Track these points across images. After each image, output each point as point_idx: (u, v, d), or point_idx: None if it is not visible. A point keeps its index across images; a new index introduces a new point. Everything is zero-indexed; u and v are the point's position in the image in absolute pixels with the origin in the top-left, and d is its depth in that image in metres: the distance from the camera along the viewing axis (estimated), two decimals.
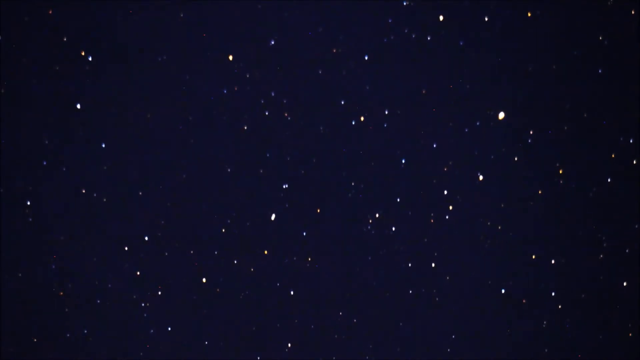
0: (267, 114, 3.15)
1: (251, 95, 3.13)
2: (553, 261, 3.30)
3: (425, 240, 3.31)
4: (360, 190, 3.25)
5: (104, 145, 3.15)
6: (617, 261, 3.29)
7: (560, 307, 3.36)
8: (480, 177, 3.21)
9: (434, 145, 3.18)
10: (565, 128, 3.15)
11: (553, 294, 3.35)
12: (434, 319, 3.40)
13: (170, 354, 3.43)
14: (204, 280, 3.36)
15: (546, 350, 3.41)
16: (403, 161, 3.21)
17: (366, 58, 3.08)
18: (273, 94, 3.12)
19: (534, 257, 3.30)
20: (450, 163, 3.20)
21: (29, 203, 3.19)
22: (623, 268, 3.30)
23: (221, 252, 3.33)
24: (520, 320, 3.38)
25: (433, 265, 3.34)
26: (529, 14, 3.02)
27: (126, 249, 3.29)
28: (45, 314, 3.31)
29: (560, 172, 3.20)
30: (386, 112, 3.15)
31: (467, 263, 3.33)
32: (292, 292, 3.38)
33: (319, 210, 3.28)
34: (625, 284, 3.31)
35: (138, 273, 3.32)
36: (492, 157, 3.18)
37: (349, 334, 3.43)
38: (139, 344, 3.40)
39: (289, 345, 3.44)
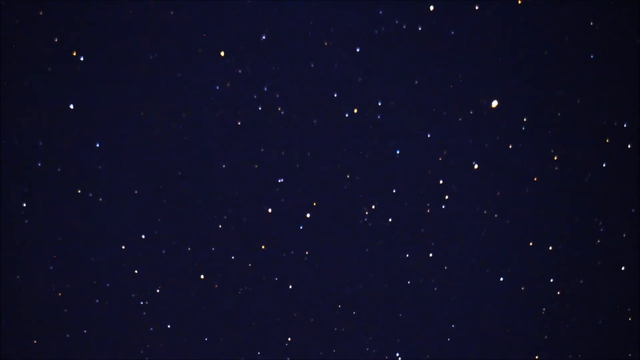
0: (260, 109, 3.15)
1: (244, 91, 3.12)
2: (550, 247, 3.31)
3: (422, 230, 3.31)
4: (356, 182, 3.25)
5: (98, 145, 3.15)
6: (614, 246, 3.30)
7: (558, 293, 3.37)
8: (475, 166, 3.21)
9: (428, 136, 3.18)
10: (559, 114, 3.15)
11: (551, 280, 3.35)
12: (432, 309, 3.40)
13: (171, 352, 3.43)
14: (202, 276, 3.36)
15: (546, 336, 3.41)
16: (397, 152, 3.21)
17: (358, 50, 3.08)
18: (266, 89, 3.12)
19: (531, 244, 3.31)
20: (445, 153, 3.20)
21: (24, 205, 3.18)
22: (620, 252, 3.30)
23: (218, 248, 3.33)
24: (520, 308, 3.38)
25: (430, 255, 3.35)
26: (519, 1, 3.02)
27: (123, 248, 3.29)
28: (44, 315, 3.31)
29: (555, 158, 3.20)
30: (379, 104, 3.15)
31: (465, 252, 3.33)
32: (290, 287, 3.39)
33: (315, 204, 3.28)
34: (623, 268, 3.31)
35: (136, 272, 3.32)
36: (487, 145, 3.18)
37: (348, 326, 3.44)
38: (139, 343, 3.40)
39: (289, 339, 3.44)
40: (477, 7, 3.03)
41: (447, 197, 3.26)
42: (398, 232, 3.32)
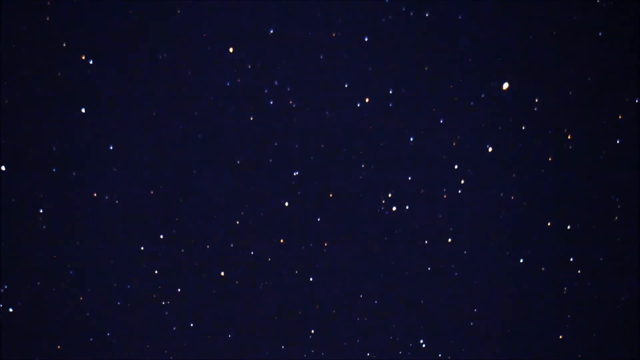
0: (271, 103, 3.14)
1: (255, 86, 3.12)
2: (569, 227, 3.30)
3: (440, 216, 3.31)
4: (371, 171, 3.25)
5: (111, 147, 3.15)
6: (633, 222, 3.29)
7: (579, 272, 3.36)
8: (490, 149, 3.21)
9: (441, 121, 3.18)
10: (570, 93, 3.15)
11: (571, 259, 3.35)
12: (454, 294, 3.40)
13: (195, 350, 3.43)
14: (222, 274, 3.36)
15: (568, 316, 3.41)
16: (411, 139, 3.20)
17: (366, 40, 3.08)
18: (276, 83, 3.12)
19: (549, 224, 3.30)
20: (459, 137, 3.20)
21: (41, 211, 3.18)
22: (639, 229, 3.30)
23: (237, 244, 3.33)
24: (541, 288, 3.38)
25: (449, 240, 3.34)
26: None
27: (142, 249, 3.29)
28: (67, 320, 3.31)
29: (569, 137, 3.20)
30: (390, 92, 3.14)
31: (484, 235, 3.33)
32: (311, 279, 3.39)
33: (331, 195, 3.28)
34: None
35: (156, 272, 3.32)
36: (500, 127, 3.18)
37: (371, 315, 3.44)
38: (163, 343, 3.40)
39: (312, 331, 3.44)
40: None
41: (463, 181, 3.25)
42: (416, 219, 3.31)
